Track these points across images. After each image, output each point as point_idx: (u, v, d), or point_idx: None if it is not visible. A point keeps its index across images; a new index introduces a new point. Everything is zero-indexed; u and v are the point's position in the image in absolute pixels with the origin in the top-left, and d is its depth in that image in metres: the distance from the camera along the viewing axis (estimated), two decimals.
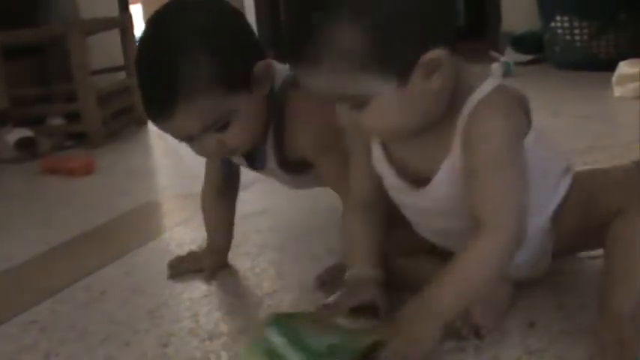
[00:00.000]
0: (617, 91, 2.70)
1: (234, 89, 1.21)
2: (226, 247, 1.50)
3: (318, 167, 1.36)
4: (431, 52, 0.95)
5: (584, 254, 1.25)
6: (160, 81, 1.19)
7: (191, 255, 1.52)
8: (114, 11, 3.49)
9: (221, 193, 1.48)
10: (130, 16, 3.37)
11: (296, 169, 1.39)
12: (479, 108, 1.01)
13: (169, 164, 2.55)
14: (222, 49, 1.20)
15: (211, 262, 1.46)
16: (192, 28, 1.20)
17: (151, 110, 1.21)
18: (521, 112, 1.06)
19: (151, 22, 1.24)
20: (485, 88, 1.02)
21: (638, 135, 2.13)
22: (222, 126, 1.22)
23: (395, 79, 0.96)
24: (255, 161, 1.38)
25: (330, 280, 1.32)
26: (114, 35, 3.21)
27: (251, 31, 1.29)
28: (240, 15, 1.29)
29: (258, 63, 1.24)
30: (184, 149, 1.33)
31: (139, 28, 5.34)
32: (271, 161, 1.37)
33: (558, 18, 3.37)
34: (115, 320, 1.32)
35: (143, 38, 1.23)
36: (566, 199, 1.16)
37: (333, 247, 1.49)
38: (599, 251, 1.12)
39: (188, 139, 1.24)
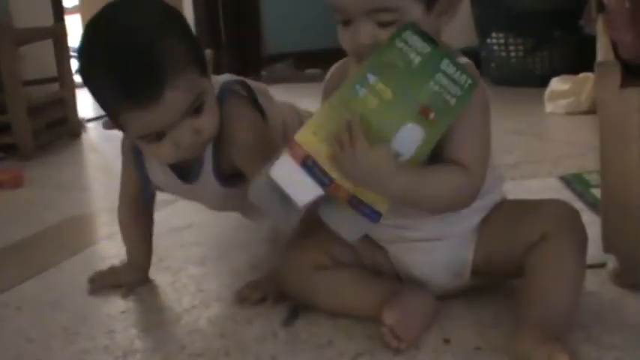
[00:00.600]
0: (549, 107, 2.75)
1: (203, 71, 1.25)
2: (146, 262, 1.48)
3: (250, 177, 1.34)
4: None
5: None
6: (142, 65, 1.16)
7: (112, 270, 1.49)
8: (49, 21, 3.44)
9: (138, 209, 1.46)
10: (64, 27, 3.32)
11: (230, 180, 1.37)
12: None
13: (100, 178, 2.51)
14: (186, 34, 1.25)
15: (131, 278, 1.44)
16: (152, 16, 1.23)
17: (139, 96, 1.16)
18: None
19: (104, 19, 1.22)
20: None
21: (566, 150, 2.16)
22: (197, 109, 1.22)
23: (423, 3, 1.05)
24: (189, 171, 1.36)
25: (249, 295, 1.32)
26: (47, 45, 3.16)
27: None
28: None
29: (206, 51, 1.28)
30: (116, 162, 1.31)
31: (76, 38, 5.31)
32: (207, 170, 1.35)
33: (494, 35, 3.42)
34: (28, 337, 1.28)
35: (102, 35, 1.21)
36: (495, 209, 1.18)
37: (256, 263, 1.48)
38: None
39: (167, 127, 1.21)
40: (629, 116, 1.16)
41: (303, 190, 1.02)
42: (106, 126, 1.31)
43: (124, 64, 1.17)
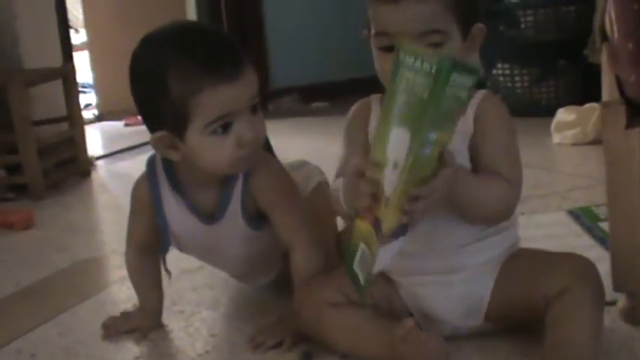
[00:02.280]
0: (556, 138, 2.75)
1: None
2: (158, 307, 1.49)
3: (274, 219, 1.37)
4: (479, 23, 1.19)
5: None
6: (225, 44, 1.27)
7: (124, 315, 1.50)
8: (58, 60, 3.47)
9: (145, 253, 1.47)
10: (73, 67, 3.35)
11: (255, 221, 1.38)
12: (487, 96, 1.21)
13: (110, 217, 2.52)
14: None
15: (143, 323, 1.45)
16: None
17: (225, 70, 1.22)
18: None
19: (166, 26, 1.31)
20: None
21: (574, 183, 2.17)
22: (253, 108, 1.28)
23: (462, 32, 1.17)
24: (214, 212, 1.37)
25: (265, 340, 1.32)
26: (57, 85, 3.18)
27: None
28: None
29: None
30: (126, 201, 1.32)
31: (85, 76, 5.36)
32: (234, 207, 1.36)
33: (499, 65, 3.42)
34: None
35: (173, 29, 1.30)
36: (513, 257, 1.21)
37: (268, 306, 1.48)
38: None
39: (240, 109, 1.25)
40: (634, 156, 1.17)
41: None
42: (156, 144, 1.30)
43: (210, 44, 1.26)
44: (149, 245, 1.46)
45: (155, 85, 1.24)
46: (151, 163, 1.40)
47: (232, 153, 1.26)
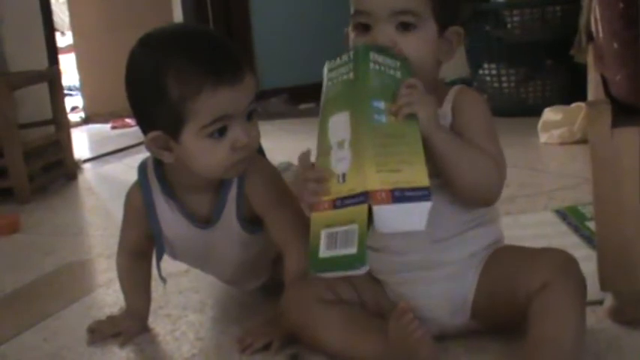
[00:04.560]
0: (543, 138, 2.76)
1: None
2: (145, 311, 1.48)
3: (268, 222, 1.37)
4: (458, 26, 1.22)
5: None
6: (227, 49, 1.28)
7: (110, 319, 1.49)
8: (44, 63, 3.45)
9: (136, 259, 1.46)
10: (58, 70, 3.34)
11: (250, 225, 1.38)
12: (462, 88, 1.23)
13: (97, 221, 2.51)
14: None
15: (129, 327, 1.44)
16: None
17: (225, 73, 1.23)
18: None
19: (180, 27, 1.44)
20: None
21: (561, 182, 2.17)
22: (250, 113, 1.28)
23: (437, 23, 1.19)
24: (209, 217, 1.37)
25: (253, 343, 1.31)
26: (43, 88, 3.17)
27: None
28: None
29: None
30: (112, 204, 1.31)
31: (71, 78, 5.33)
32: (230, 211, 1.36)
33: (486, 66, 3.43)
34: None
35: (174, 31, 1.32)
36: (496, 254, 1.22)
37: (254, 309, 1.47)
38: None
39: (237, 113, 1.25)
40: (621, 156, 1.17)
41: (413, 217, 1.04)
42: (150, 144, 1.29)
43: (210, 47, 1.27)
44: (141, 251, 1.45)
45: (154, 85, 1.24)
46: (142, 169, 1.39)
47: (226, 157, 1.26)
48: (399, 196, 1.02)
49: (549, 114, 2.79)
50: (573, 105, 2.77)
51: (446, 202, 1.17)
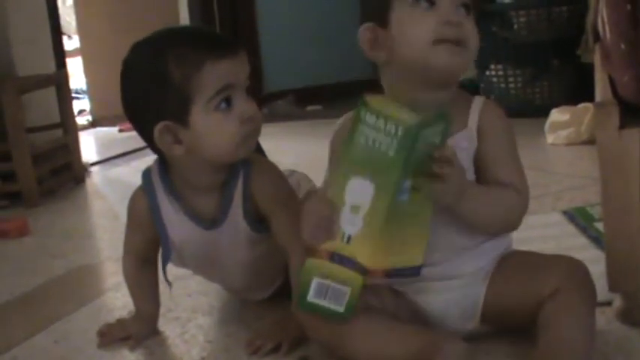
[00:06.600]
0: (550, 138, 2.76)
1: None
2: (154, 314, 1.49)
3: (273, 221, 1.37)
4: None
5: None
6: (221, 34, 1.49)
7: (120, 322, 1.49)
8: (51, 67, 3.46)
9: (142, 262, 1.46)
10: (66, 73, 3.35)
11: (257, 224, 1.38)
12: (486, 104, 1.22)
13: (105, 224, 2.51)
14: None
15: (139, 330, 1.45)
16: None
17: (224, 47, 1.29)
18: None
19: (172, 26, 1.49)
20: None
21: (568, 183, 2.17)
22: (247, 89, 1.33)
23: None
24: (216, 217, 1.37)
25: (262, 345, 1.31)
26: (50, 92, 3.18)
27: None
28: None
29: None
30: (120, 207, 1.32)
31: (78, 82, 5.35)
32: (236, 210, 1.36)
33: (492, 66, 3.43)
34: None
35: (173, 28, 1.44)
36: (506, 258, 1.23)
37: (263, 312, 1.48)
38: None
39: (239, 83, 1.30)
40: (628, 156, 1.17)
41: None
42: (160, 138, 1.29)
43: (204, 31, 1.47)
44: (146, 256, 1.46)
45: (155, 75, 1.27)
46: (146, 174, 1.40)
47: (236, 131, 1.28)
48: (393, 273, 1.11)
49: (556, 115, 2.79)
50: (580, 106, 2.77)
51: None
